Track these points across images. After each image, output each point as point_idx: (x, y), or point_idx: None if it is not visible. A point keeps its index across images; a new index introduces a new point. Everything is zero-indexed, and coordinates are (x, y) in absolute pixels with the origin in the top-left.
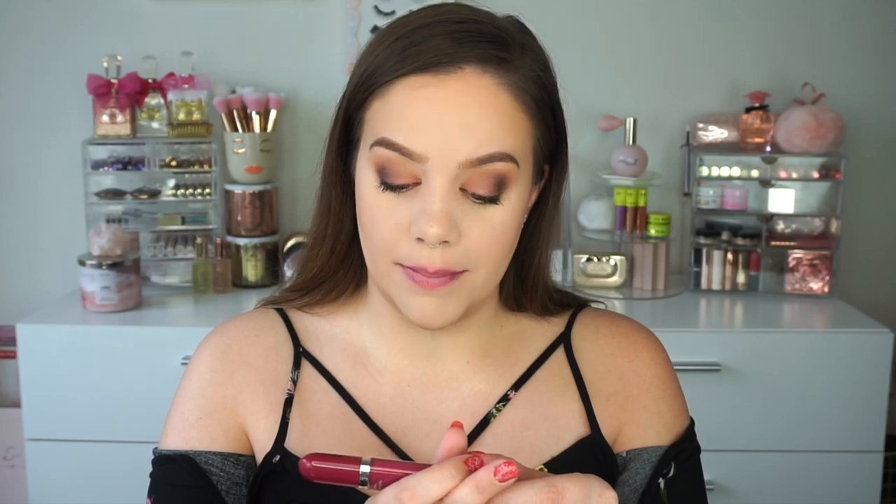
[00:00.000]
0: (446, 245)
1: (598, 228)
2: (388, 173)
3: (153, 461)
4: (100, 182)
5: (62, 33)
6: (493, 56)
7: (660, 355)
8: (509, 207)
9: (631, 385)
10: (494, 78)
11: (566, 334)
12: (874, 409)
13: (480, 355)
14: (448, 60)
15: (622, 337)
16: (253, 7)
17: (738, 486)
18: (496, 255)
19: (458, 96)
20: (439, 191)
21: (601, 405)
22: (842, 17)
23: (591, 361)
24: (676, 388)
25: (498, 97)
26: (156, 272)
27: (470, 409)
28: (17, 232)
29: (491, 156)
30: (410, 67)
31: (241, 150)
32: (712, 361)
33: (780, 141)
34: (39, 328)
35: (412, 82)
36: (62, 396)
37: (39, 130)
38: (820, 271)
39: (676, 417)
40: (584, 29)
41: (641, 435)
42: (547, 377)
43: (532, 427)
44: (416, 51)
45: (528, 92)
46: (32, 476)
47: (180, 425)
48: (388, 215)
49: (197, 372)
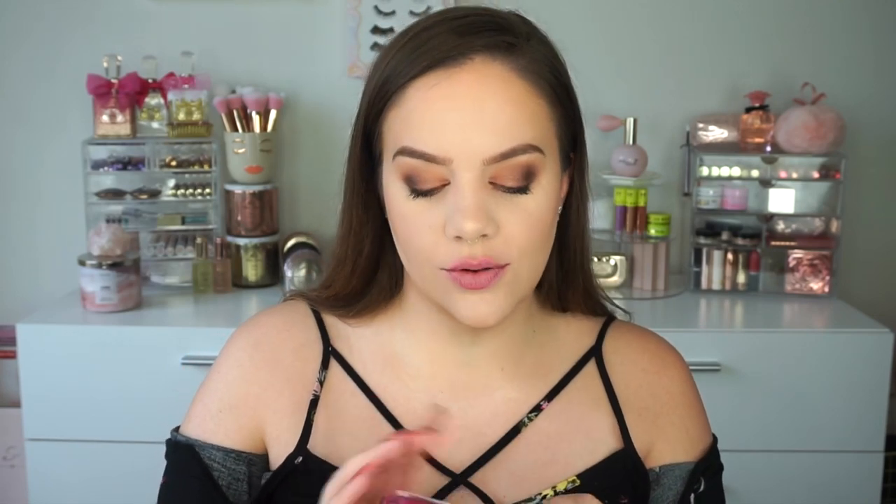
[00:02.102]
0: (486, 238)
1: (598, 228)
2: (415, 180)
3: (167, 441)
4: (100, 182)
5: (62, 33)
6: (501, 42)
7: (687, 373)
8: (542, 194)
9: (661, 401)
10: (505, 64)
11: (597, 347)
12: (874, 409)
13: (514, 363)
14: (456, 53)
15: (651, 353)
16: (253, 7)
17: (738, 486)
18: (536, 244)
19: (471, 89)
20: (468, 186)
21: (633, 420)
22: (842, 17)
23: (622, 376)
24: (701, 406)
25: (512, 84)
26: (156, 272)
27: (503, 417)
28: (17, 232)
29: (514, 149)
30: (420, 68)
31: (241, 150)
32: (712, 361)
33: (780, 141)
34: (39, 328)
35: (424, 83)
36: (62, 396)
37: (40, 130)
38: (820, 271)
39: (702, 434)
40: (585, 29)
41: (672, 451)
42: (580, 389)
43: (566, 438)
44: (423, 51)
45: (542, 76)
46: (32, 476)
47: (201, 414)
48: (422, 221)
49: (226, 365)
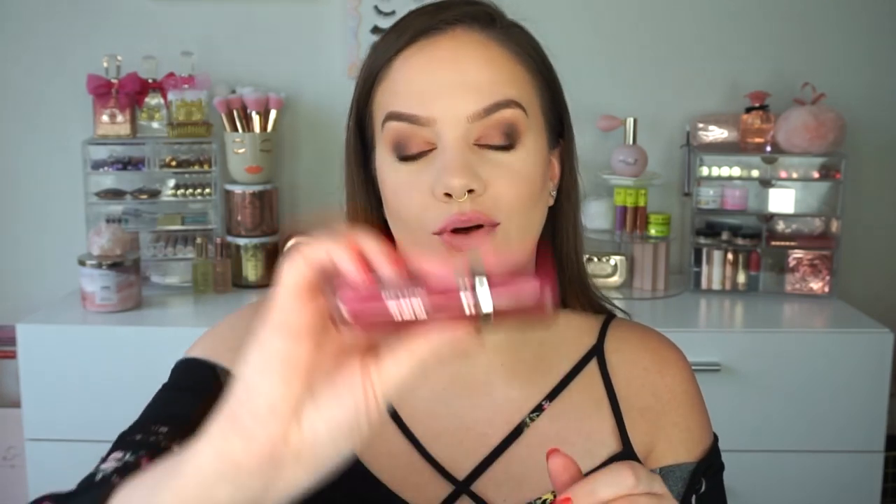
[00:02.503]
0: (474, 195)
1: (598, 228)
2: (402, 146)
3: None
4: (100, 182)
5: (62, 33)
6: (481, 13)
7: (689, 370)
8: (526, 154)
9: (663, 401)
10: (484, 32)
11: (599, 347)
12: (874, 409)
13: (514, 358)
14: (435, 24)
15: (653, 352)
16: (253, 7)
17: (738, 487)
18: (525, 203)
19: (451, 53)
20: (454, 145)
21: (633, 420)
22: (842, 17)
23: (624, 375)
24: (703, 404)
25: (490, 49)
26: (156, 272)
27: (504, 417)
28: (17, 232)
29: (496, 104)
30: (402, 42)
31: (241, 150)
32: (712, 361)
33: (780, 141)
34: (39, 328)
35: (407, 55)
36: (62, 396)
37: (39, 130)
38: (820, 271)
39: (703, 433)
40: (585, 29)
41: (673, 451)
42: (581, 390)
43: (566, 441)
44: (404, 28)
45: (521, 46)
46: (32, 476)
47: (214, 343)
48: (411, 185)
49: (227, 321)
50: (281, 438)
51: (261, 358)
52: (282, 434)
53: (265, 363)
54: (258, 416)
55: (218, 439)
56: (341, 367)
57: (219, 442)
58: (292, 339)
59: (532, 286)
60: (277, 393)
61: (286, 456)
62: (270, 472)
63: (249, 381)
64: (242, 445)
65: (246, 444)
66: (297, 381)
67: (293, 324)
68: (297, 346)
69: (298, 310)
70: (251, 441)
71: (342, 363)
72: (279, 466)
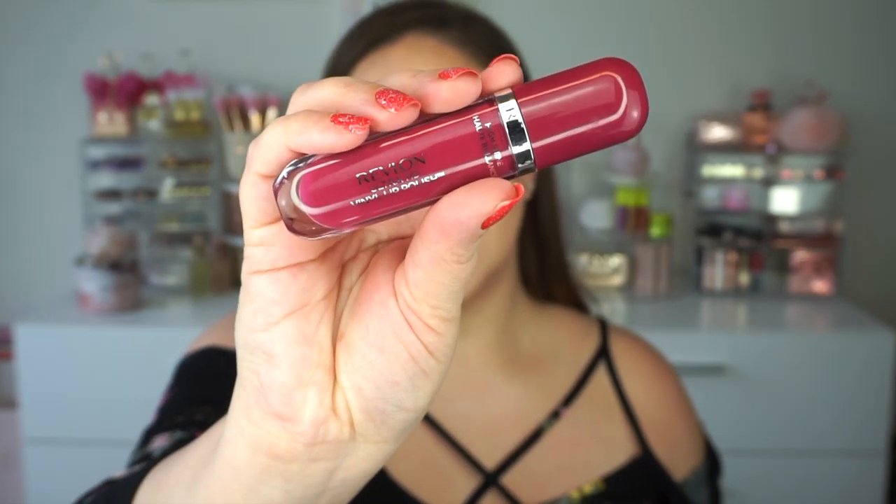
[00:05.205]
0: None
1: (599, 228)
2: None
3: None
4: (97, 182)
5: (59, 32)
6: (433, 16)
7: (677, 376)
8: None
9: (670, 411)
10: (436, 37)
11: (605, 351)
12: (878, 411)
13: (509, 356)
14: (387, 33)
15: (651, 360)
16: (252, 6)
17: (741, 488)
18: None
19: (403, 62)
20: None
21: (648, 427)
22: (846, 15)
23: (632, 381)
24: (692, 405)
25: (443, 54)
26: (154, 273)
27: (516, 415)
28: (14, 232)
29: None
30: (357, 51)
31: (240, 150)
32: (715, 363)
33: (783, 140)
34: (37, 329)
35: (362, 67)
36: (60, 397)
37: (37, 130)
38: (824, 272)
39: (700, 432)
40: (585, 28)
41: (688, 461)
42: (593, 395)
43: (583, 445)
44: (359, 34)
45: (480, 47)
46: (30, 477)
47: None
48: None
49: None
50: (319, 406)
51: (260, 314)
52: (318, 400)
53: (266, 318)
54: (282, 387)
55: (248, 429)
56: (367, 297)
57: (250, 432)
58: (286, 275)
59: (601, 80)
60: (295, 351)
61: (333, 426)
62: (322, 451)
63: (254, 344)
64: (278, 428)
65: (281, 425)
66: (311, 327)
67: (276, 255)
68: (293, 282)
69: (275, 236)
70: (285, 420)
71: (368, 293)
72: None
